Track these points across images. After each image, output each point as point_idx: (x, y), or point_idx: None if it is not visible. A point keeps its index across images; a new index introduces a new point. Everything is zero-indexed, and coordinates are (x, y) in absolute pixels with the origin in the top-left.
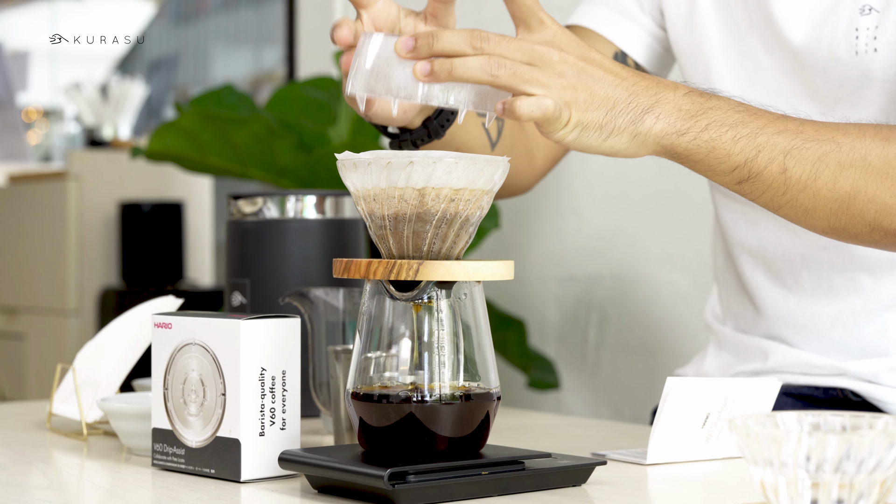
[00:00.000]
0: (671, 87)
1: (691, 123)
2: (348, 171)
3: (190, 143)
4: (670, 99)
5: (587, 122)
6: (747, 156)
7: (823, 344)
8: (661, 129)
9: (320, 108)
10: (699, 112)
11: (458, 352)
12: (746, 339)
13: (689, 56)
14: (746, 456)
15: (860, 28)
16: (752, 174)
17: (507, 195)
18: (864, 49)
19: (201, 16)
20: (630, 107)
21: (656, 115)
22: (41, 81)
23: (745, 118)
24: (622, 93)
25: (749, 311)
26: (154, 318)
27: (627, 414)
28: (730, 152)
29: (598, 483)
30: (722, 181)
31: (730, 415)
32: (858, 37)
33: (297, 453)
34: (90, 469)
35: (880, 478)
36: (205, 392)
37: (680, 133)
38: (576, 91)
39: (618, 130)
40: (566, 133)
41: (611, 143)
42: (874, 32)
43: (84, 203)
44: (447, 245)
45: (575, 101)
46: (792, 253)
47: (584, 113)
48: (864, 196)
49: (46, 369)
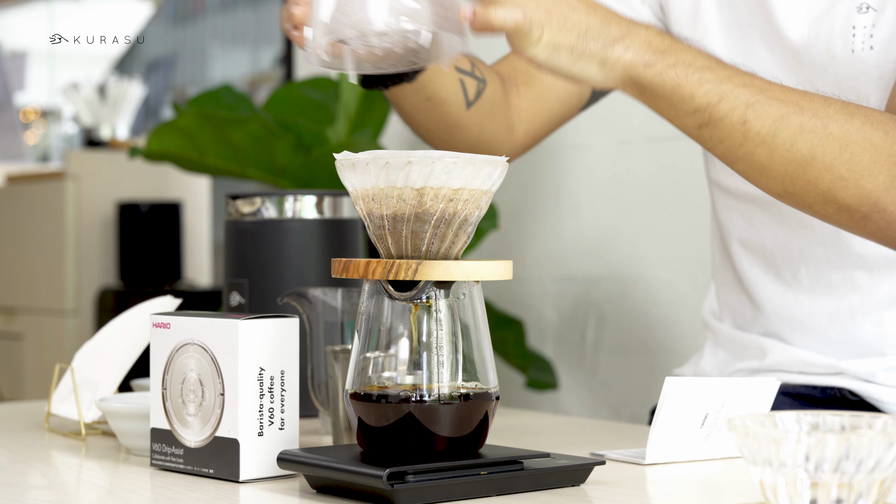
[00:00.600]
0: (643, 25)
1: (659, 58)
2: (346, 171)
3: (188, 143)
4: (641, 33)
5: (559, 43)
6: (710, 100)
7: (821, 342)
8: (629, 58)
9: (318, 109)
10: (668, 50)
11: (457, 352)
12: (744, 337)
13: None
14: (745, 456)
15: (857, 26)
16: (712, 119)
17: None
18: (861, 47)
19: (199, 16)
20: (601, 34)
21: (626, 45)
22: (39, 82)
23: (712, 65)
24: (595, 21)
25: (747, 306)
26: (152, 318)
27: (626, 414)
28: (693, 93)
29: (596, 483)
30: (682, 124)
31: (728, 414)
32: (855, 35)
33: (296, 453)
34: (89, 469)
35: (879, 477)
36: (203, 392)
37: (647, 65)
38: (549, 14)
39: (588, 55)
40: (539, 51)
41: (580, 66)
42: (871, 31)
43: (82, 203)
44: (446, 245)
45: (548, 21)
46: (790, 249)
47: (556, 34)
48: (821, 163)
49: (45, 369)
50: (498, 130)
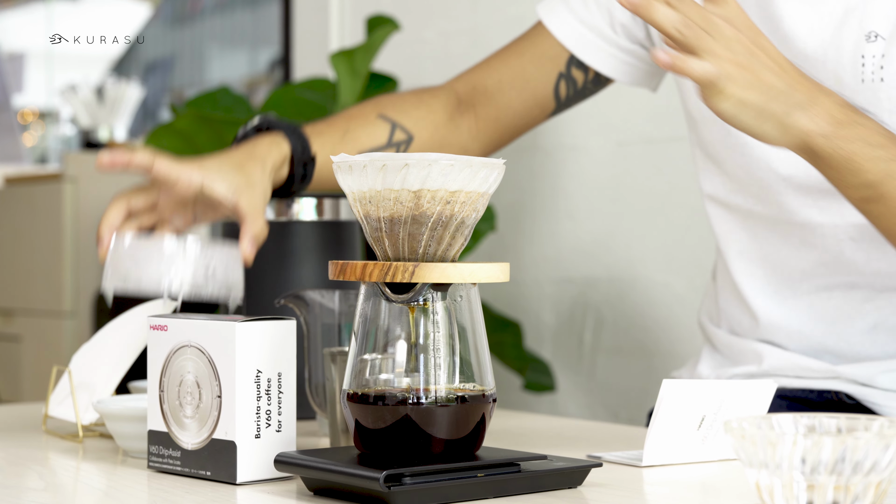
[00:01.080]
0: (827, 92)
1: (837, 130)
2: (344, 173)
3: (186, 145)
4: (824, 103)
5: (746, 101)
6: (879, 178)
7: (816, 348)
8: (809, 127)
9: (316, 110)
10: (847, 122)
11: (454, 354)
12: (741, 342)
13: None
14: (742, 458)
15: (866, 55)
16: (880, 196)
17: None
18: (871, 77)
19: (196, 17)
20: (787, 99)
21: (808, 114)
22: (37, 83)
23: (886, 143)
24: (782, 84)
25: (745, 316)
26: (150, 321)
27: (623, 416)
28: (864, 169)
29: (593, 485)
30: (849, 195)
31: (725, 417)
32: (864, 64)
33: (293, 455)
34: (86, 471)
35: (875, 480)
36: (200, 394)
37: (825, 136)
38: (742, 69)
39: (771, 117)
40: (726, 107)
41: (762, 126)
42: (880, 61)
43: (80, 205)
44: (443, 247)
45: (739, 77)
46: (791, 265)
47: (745, 91)
48: None
49: (42, 371)
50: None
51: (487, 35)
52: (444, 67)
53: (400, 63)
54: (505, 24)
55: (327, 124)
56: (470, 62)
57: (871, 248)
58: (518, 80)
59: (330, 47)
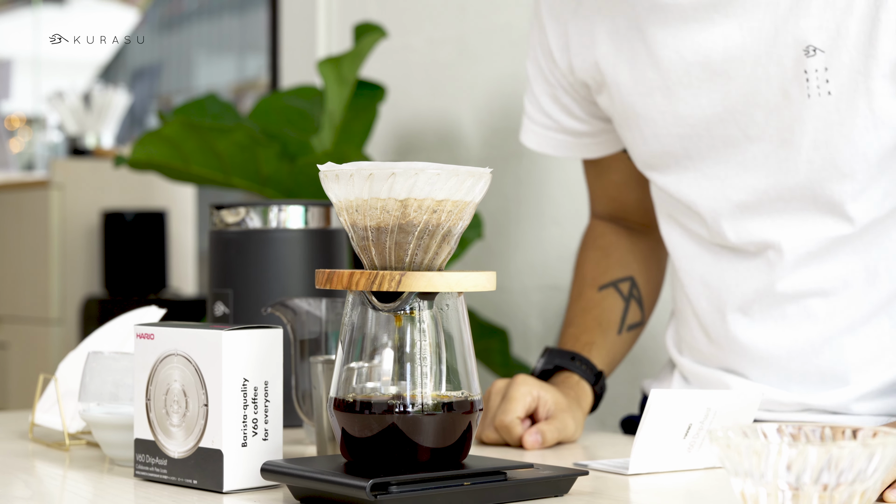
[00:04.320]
0: None
1: None
2: (330, 182)
3: (173, 152)
4: None
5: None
6: None
7: (781, 376)
8: None
9: (303, 118)
10: None
11: (441, 362)
12: (706, 372)
13: (622, 122)
14: (727, 467)
15: (808, 70)
16: None
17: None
18: (817, 91)
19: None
20: None
21: None
22: (24, 90)
23: None
24: None
25: (702, 342)
26: (136, 329)
27: (610, 424)
28: None
29: (579, 493)
30: None
31: (712, 426)
32: (808, 80)
33: (280, 464)
34: (72, 480)
35: (860, 489)
36: (187, 403)
37: None
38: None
39: None
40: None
41: None
42: (824, 75)
43: (67, 212)
44: (429, 256)
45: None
46: (746, 286)
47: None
48: None
49: (29, 379)
50: (661, 273)
51: (474, 43)
52: (432, 75)
53: (387, 70)
54: (492, 32)
55: (582, 330)
56: (457, 70)
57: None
58: (621, 185)
59: (317, 54)
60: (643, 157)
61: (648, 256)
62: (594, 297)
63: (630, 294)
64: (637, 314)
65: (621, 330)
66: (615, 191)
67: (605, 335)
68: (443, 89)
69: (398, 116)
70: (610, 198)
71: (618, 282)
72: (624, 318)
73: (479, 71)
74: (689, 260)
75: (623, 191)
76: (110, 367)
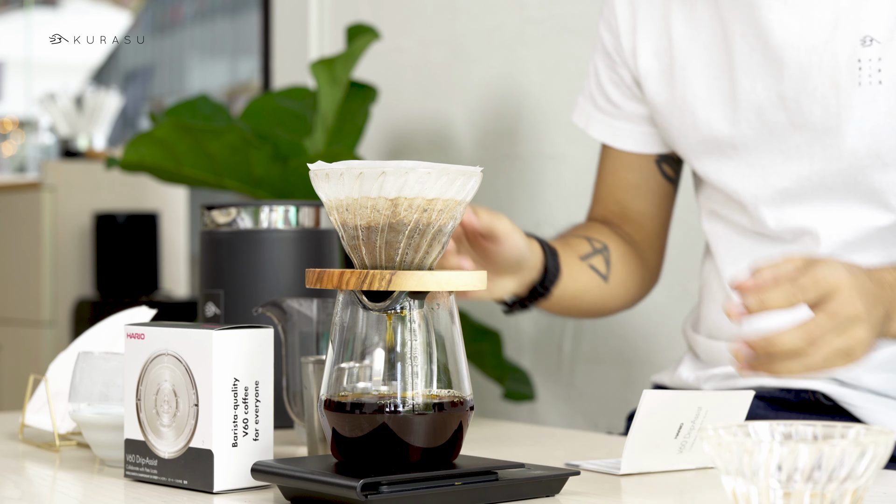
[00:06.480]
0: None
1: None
2: (321, 181)
3: (165, 153)
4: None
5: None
6: None
7: None
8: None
9: (295, 119)
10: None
11: (432, 362)
12: (718, 345)
13: (674, 109)
14: (719, 466)
15: (863, 59)
16: None
17: (625, 308)
18: (868, 80)
19: (177, 26)
20: (882, 329)
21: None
22: (16, 92)
23: None
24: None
25: (733, 326)
26: (126, 329)
27: (602, 424)
28: None
29: (571, 493)
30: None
31: (703, 425)
32: (861, 68)
33: (270, 464)
34: (63, 480)
35: (851, 487)
36: (177, 403)
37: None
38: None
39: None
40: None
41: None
42: (878, 64)
43: (59, 214)
44: (420, 255)
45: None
46: None
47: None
48: None
49: (20, 380)
50: (638, 273)
51: (466, 44)
52: (424, 76)
53: (379, 71)
54: (483, 34)
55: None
56: (449, 71)
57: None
58: (632, 189)
59: (310, 56)
60: (690, 142)
61: (630, 256)
62: (564, 237)
63: (600, 250)
64: (601, 265)
65: (583, 259)
66: (623, 193)
67: (566, 250)
68: (435, 91)
69: (390, 118)
70: (615, 200)
71: (592, 239)
72: (587, 256)
73: (471, 72)
74: (730, 249)
75: (630, 195)
76: (100, 367)
